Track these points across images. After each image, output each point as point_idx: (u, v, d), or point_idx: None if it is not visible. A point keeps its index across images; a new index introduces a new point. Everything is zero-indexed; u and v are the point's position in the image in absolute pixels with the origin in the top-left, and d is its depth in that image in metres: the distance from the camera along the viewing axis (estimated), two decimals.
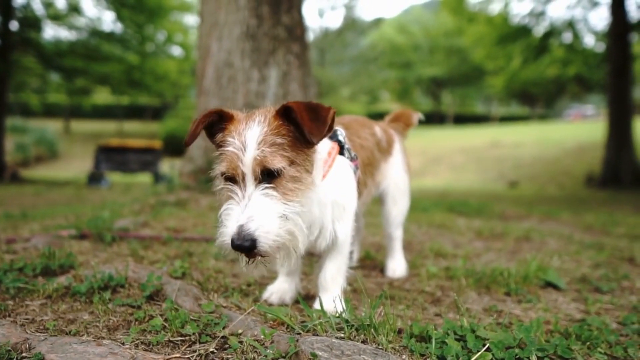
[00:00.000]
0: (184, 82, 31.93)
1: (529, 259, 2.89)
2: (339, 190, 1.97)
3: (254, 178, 1.56)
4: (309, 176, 1.64)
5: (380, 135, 2.60)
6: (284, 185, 1.58)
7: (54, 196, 11.09)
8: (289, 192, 1.59)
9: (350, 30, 44.59)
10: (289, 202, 1.58)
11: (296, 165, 1.60)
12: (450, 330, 1.70)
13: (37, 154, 33.27)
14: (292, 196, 1.59)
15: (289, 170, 1.58)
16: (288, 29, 6.03)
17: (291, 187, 1.59)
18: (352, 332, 1.66)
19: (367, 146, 2.39)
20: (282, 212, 1.56)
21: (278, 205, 1.56)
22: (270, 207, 1.55)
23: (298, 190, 1.61)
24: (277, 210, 1.55)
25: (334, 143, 2.02)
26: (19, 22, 21.00)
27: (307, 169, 1.64)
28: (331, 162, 1.94)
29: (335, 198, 1.94)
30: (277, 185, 1.57)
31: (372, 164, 2.43)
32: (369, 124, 2.58)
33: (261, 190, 1.56)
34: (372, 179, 2.48)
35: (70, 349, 1.55)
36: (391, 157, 2.72)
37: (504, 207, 7.41)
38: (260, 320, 1.83)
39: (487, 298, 2.42)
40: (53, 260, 2.45)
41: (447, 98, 61.41)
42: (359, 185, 2.21)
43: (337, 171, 1.97)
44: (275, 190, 1.57)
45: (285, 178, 1.58)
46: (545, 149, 28.09)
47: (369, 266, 3.08)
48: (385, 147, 2.65)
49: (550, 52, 23.02)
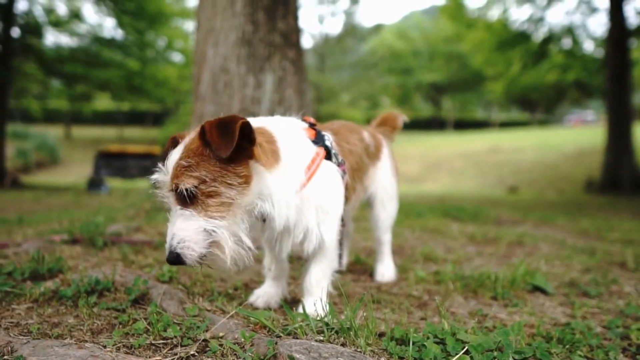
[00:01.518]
0: (184, 88, 32.00)
1: (517, 264, 2.90)
2: (324, 194, 1.99)
3: (175, 199, 1.70)
4: (231, 190, 1.68)
5: (368, 140, 2.62)
6: (203, 202, 1.67)
7: (53, 202, 11.11)
8: (210, 207, 1.67)
9: (350, 37, 44.73)
10: (210, 217, 1.67)
11: (212, 182, 1.66)
12: (431, 334, 1.71)
13: (37, 160, 33.38)
14: (213, 212, 1.67)
15: (204, 188, 1.66)
16: (284, 35, 6.07)
17: (210, 202, 1.67)
18: (332, 335, 1.67)
19: (356, 151, 2.41)
20: (204, 227, 1.66)
21: (198, 222, 1.66)
22: (190, 224, 1.66)
23: (219, 205, 1.68)
24: (196, 226, 1.66)
25: (319, 148, 2.04)
26: (21, 29, 21.11)
27: (230, 184, 1.68)
28: (316, 168, 1.97)
29: (320, 202, 1.97)
30: (196, 204, 1.67)
31: (360, 169, 2.44)
32: (357, 130, 2.59)
33: (180, 210, 1.68)
34: (361, 184, 2.50)
35: (51, 352, 1.56)
36: (379, 161, 2.74)
37: (501, 212, 7.42)
38: (242, 323, 1.84)
39: (474, 302, 2.43)
40: (42, 265, 2.46)
41: (447, 104, 61.50)
42: (347, 190, 2.23)
43: (322, 176, 2.00)
44: (194, 209, 1.67)
45: (203, 196, 1.66)
46: (545, 154, 28.10)
47: (358, 270, 3.09)
48: (374, 151, 2.66)
49: (550, 58, 23.08)
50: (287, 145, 1.89)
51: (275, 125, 1.96)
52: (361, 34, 45.30)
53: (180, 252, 1.66)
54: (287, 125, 2.04)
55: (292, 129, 2.03)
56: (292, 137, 1.97)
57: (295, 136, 1.99)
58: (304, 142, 2.01)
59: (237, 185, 1.69)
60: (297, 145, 1.95)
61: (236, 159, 1.68)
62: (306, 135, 2.05)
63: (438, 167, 29.73)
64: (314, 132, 2.10)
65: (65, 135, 45.48)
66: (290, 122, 2.11)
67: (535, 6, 21.38)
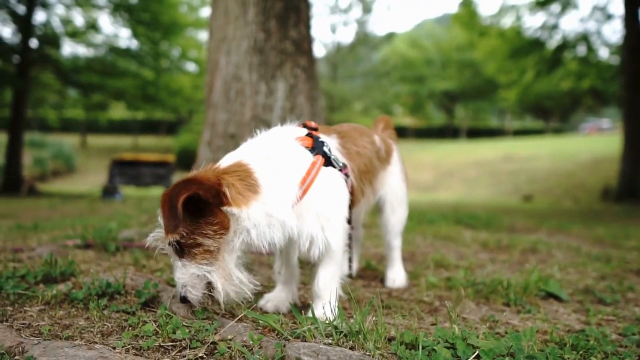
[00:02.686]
0: (198, 97, 32.32)
1: (529, 270, 2.86)
2: (324, 201, 2.01)
3: (172, 252, 1.88)
4: (208, 239, 1.82)
5: (379, 144, 2.62)
6: (190, 252, 1.84)
7: (68, 209, 11.24)
8: (197, 256, 1.84)
9: (363, 45, 44.77)
10: (199, 264, 1.84)
11: (190, 235, 1.80)
12: (441, 338, 1.69)
13: (54, 168, 33.85)
14: (199, 259, 1.84)
15: (185, 241, 1.81)
16: (295, 43, 6.10)
17: (196, 252, 1.83)
18: (340, 338, 1.66)
19: (365, 154, 2.40)
20: (197, 274, 1.84)
21: (191, 269, 1.85)
22: (185, 271, 1.85)
23: (203, 253, 1.84)
24: (190, 273, 1.85)
25: (316, 156, 2.05)
26: (38, 40, 21.53)
27: (205, 234, 1.81)
28: (314, 176, 1.99)
29: (320, 209, 1.99)
30: (186, 255, 1.85)
31: (369, 171, 2.43)
32: (368, 133, 2.59)
33: (177, 260, 1.88)
34: (370, 186, 2.49)
35: (61, 352, 1.57)
36: (390, 166, 2.73)
37: (515, 220, 7.34)
38: (251, 326, 1.84)
39: (486, 308, 2.40)
40: (54, 268, 2.49)
41: (460, 112, 61.21)
42: (354, 193, 2.23)
43: (321, 183, 2.01)
44: (186, 259, 1.85)
45: (187, 247, 1.83)
46: (560, 162, 27.79)
47: (369, 276, 3.07)
48: (384, 156, 2.66)
49: (564, 65, 22.88)
50: (268, 170, 1.93)
51: (257, 151, 2.00)
52: (373, 43, 45.32)
53: (185, 295, 1.86)
54: (275, 144, 2.05)
55: (280, 146, 2.05)
56: (278, 157, 1.99)
57: (282, 154, 2.01)
58: (295, 156, 2.02)
59: (213, 234, 1.82)
60: (284, 163, 1.97)
61: (205, 213, 1.81)
62: (301, 144, 2.06)
63: (451, 176, 29.54)
64: (310, 140, 2.10)
65: (81, 144, 46.10)
66: (281, 136, 2.12)
67: (548, 13, 21.23)
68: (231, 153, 2.01)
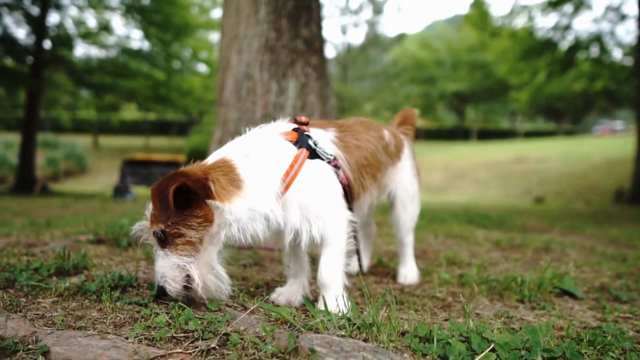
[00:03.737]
0: (209, 98, 32.49)
1: (544, 267, 2.82)
2: (308, 192, 2.01)
3: (155, 242, 1.93)
4: (191, 230, 1.87)
5: (388, 138, 2.60)
6: (173, 242, 1.88)
7: (80, 208, 11.33)
8: (178, 247, 1.88)
9: (373, 47, 44.65)
10: (181, 254, 1.88)
11: (175, 226, 1.86)
12: (456, 332, 1.67)
13: (66, 169, 34.19)
14: (181, 250, 1.88)
15: (169, 231, 1.86)
16: (306, 42, 6.11)
17: (178, 242, 1.88)
18: (353, 330, 1.64)
19: (367, 147, 2.38)
20: (177, 264, 1.88)
21: (172, 259, 1.89)
22: (166, 261, 1.90)
23: (186, 244, 1.88)
24: (171, 263, 1.89)
25: (300, 150, 2.07)
26: (52, 41, 21.76)
27: (189, 225, 1.87)
28: (297, 169, 2.01)
29: (304, 200, 2.00)
30: (169, 245, 1.89)
31: (371, 165, 2.40)
32: (376, 127, 2.57)
33: (159, 250, 1.92)
34: (374, 181, 2.45)
35: (74, 342, 1.58)
36: (400, 161, 2.71)
37: (527, 220, 7.27)
38: (264, 319, 1.83)
39: (499, 305, 2.37)
40: (67, 262, 2.50)
41: (471, 113, 60.87)
42: (350, 186, 2.22)
43: (305, 175, 2.03)
44: (168, 249, 1.90)
45: (171, 237, 1.88)
46: (572, 164, 27.52)
47: (381, 273, 3.05)
48: (394, 151, 2.64)
49: (577, 66, 22.65)
50: (251, 165, 1.98)
51: (240, 147, 2.06)
52: (384, 44, 45.14)
53: (163, 285, 1.90)
54: (258, 140, 2.10)
55: (263, 142, 2.09)
56: (260, 153, 2.03)
57: (265, 150, 2.05)
58: (278, 151, 2.06)
59: (197, 226, 1.87)
60: (266, 158, 2.02)
61: (191, 205, 1.86)
62: (285, 139, 2.10)
63: (462, 177, 29.38)
64: (295, 134, 2.13)
65: (93, 144, 46.51)
66: (266, 132, 2.16)
67: (561, 14, 21.03)
68: (217, 150, 2.09)
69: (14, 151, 28.43)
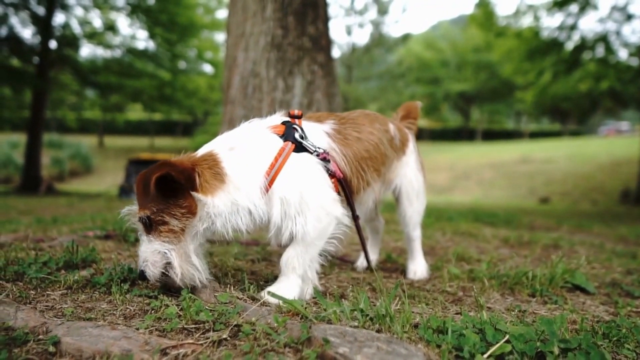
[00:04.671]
0: (214, 98, 32.54)
1: (555, 262, 2.79)
2: (291, 187, 2.00)
3: (142, 227, 1.96)
4: (174, 219, 1.91)
5: (393, 132, 2.58)
6: (157, 229, 1.92)
7: (86, 207, 11.36)
8: (162, 233, 1.92)
9: (378, 47, 44.60)
10: (163, 241, 1.93)
11: (159, 213, 1.89)
12: (469, 323, 1.65)
13: (72, 168, 34.33)
14: (164, 237, 1.92)
15: (154, 217, 1.90)
16: (313, 39, 6.09)
17: (162, 229, 1.92)
18: (366, 321, 1.62)
19: (369, 139, 2.35)
20: (158, 250, 1.93)
21: (154, 245, 1.93)
22: (149, 247, 1.94)
23: (169, 232, 1.92)
24: (153, 249, 1.93)
25: (285, 144, 2.05)
26: (57, 41, 21.84)
27: (173, 214, 1.90)
28: (282, 163, 2.01)
29: (285, 196, 1.99)
30: (153, 231, 1.93)
31: (373, 157, 2.37)
32: (381, 121, 2.55)
33: (144, 236, 1.96)
34: (378, 174, 2.42)
35: (85, 332, 1.57)
36: (405, 156, 2.69)
37: (534, 219, 7.23)
38: (274, 310, 1.81)
39: (511, 299, 2.34)
40: (76, 255, 2.50)
41: (476, 114, 60.71)
42: (348, 178, 2.21)
43: (290, 169, 2.02)
44: (152, 235, 1.94)
45: (156, 224, 1.92)
46: (578, 164, 27.41)
47: (390, 268, 3.03)
48: (399, 145, 2.62)
49: (583, 66, 22.53)
50: (234, 160, 1.99)
51: (227, 141, 2.07)
52: (389, 44, 45.08)
53: (143, 269, 1.94)
54: (244, 134, 2.11)
55: (249, 136, 2.10)
56: (245, 147, 2.04)
57: (250, 144, 2.05)
58: (262, 145, 2.05)
59: (180, 216, 1.91)
60: (250, 152, 2.02)
61: (177, 195, 1.89)
62: (272, 133, 2.10)
63: (467, 178, 29.30)
64: (283, 127, 2.12)
65: (98, 144, 46.67)
66: (253, 127, 2.16)
67: (567, 14, 20.92)
68: (207, 144, 2.10)
69: (20, 151, 28.59)
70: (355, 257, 3.25)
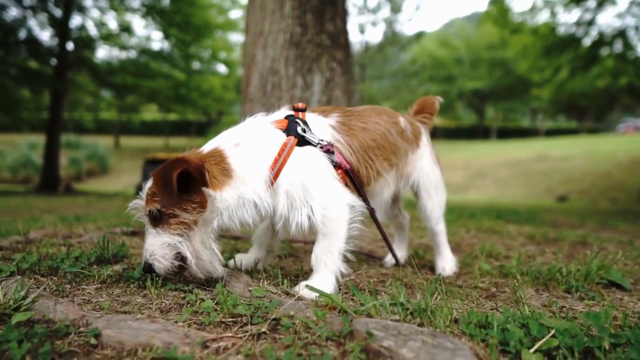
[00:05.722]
0: (228, 97, 32.67)
1: (589, 258, 2.74)
2: (293, 178, 2.04)
3: (148, 221, 1.99)
4: (186, 213, 1.94)
5: (404, 125, 2.57)
6: (167, 222, 1.95)
7: (105, 206, 11.47)
8: (172, 226, 1.95)
9: (391, 45, 44.40)
10: (173, 233, 1.95)
11: (171, 207, 1.93)
12: (511, 318, 1.62)
13: (88, 169, 34.70)
14: (174, 229, 1.95)
15: (165, 210, 1.93)
16: (331, 37, 6.07)
17: (172, 222, 1.95)
18: (407, 315, 1.60)
19: (375, 129, 2.35)
20: (168, 243, 1.95)
21: (163, 238, 1.95)
22: (157, 240, 1.96)
23: (180, 224, 1.95)
24: (162, 242, 1.95)
25: (288, 138, 2.08)
26: (74, 43, 22.11)
27: (185, 209, 1.94)
28: (285, 157, 2.05)
29: (287, 187, 2.04)
30: (163, 224, 1.95)
31: (382, 146, 2.36)
32: (390, 113, 2.56)
33: (151, 229, 1.98)
34: (389, 164, 2.41)
35: (125, 325, 1.57)
36: (419, 149, 2.66)
37: (556, 216, 7.13)
38: (311, 304, 1.80)
39: (546, 295, 2.30)
40: (107, 250, 2.51)
41: (491, 111, 60.15)
42: (354, 168, 2.22)
43: (294, 162, 2.06)
44: (161, 227, 1.96)
45: (166, 217, 1.94)
46: (596, 162, 26.99)
47: (417, 265, 2.99)
48: (411, 137, 2.60)
49: (601, 63, 22.17)
50: (239, 155, 2.04)
51: (232, 137, 2.11)
52: (402, 43, 44.84)
53: (151, 262, 1.95)
54: (249, 130, 2.15)
55: (253, 131, 2.14)
56: (250, 142, 2.08)
57: (254, 139, 2.10)
58: (266, 140, 2.09)
59: (192, 210, 1.95)
60: (255, 148, 2.07)
61: (189, 190, 1.94)
62: (275, 127, 2.13)
63: (482, 176, 29.04)
64: (286, 122, 2.15)
65: (114, 145, 47.14)
66: (258, 122, 2.20)
67: (584, 9, 20.60)
68: (212, 140, 2.15)
69: (38, 152, 28.98)
70: (382, 253, 3.23)
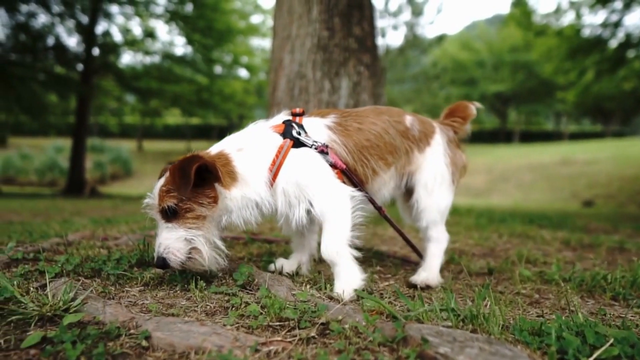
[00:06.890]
0: (249, 101, 32.91)
1: (635, 264, 2.66)
2: (289, 178, 2.14)
3: (161, 217, 2.05)
4: (202, 207, 2.04)
5: (410, 124, 2.55)
6: (183, 216, 2.03)
7: (130, 208, 11.63)
8: (187, 221, 2.03)
9: (412, 48, 44.16)
10: (188, 228, 2.03)
11: (187, 201, 2.02)
12: (565, 326, 1.58)
13: (112, 172, 35.28)
14: (190, 224, 2.03)
15: (182, 206, 2.01)
16: (359, 40, 6.07)
17: (188, 216, 2.03)
18: (458, 322, 1.58)
19: (368, 129, 2.40)
20: (184, 237, 2.02)
21: (179, 232, 2.02)
22: (172, 234, 2.02)
23: (195, 219, 2.04)
24: (178, 236, 2.02)
25: (284, 141, 2.20)
26: (100, 49, 22.57)
27: (201, 203, 2.04)
28: (282, 159, 2.16)
29: (284, 186, 2.14)
30: (177, 218, 2.03)
31: (376, 146, 2.39)
32: (393, 113, 2.57)
33: (164, 224, 2.04)
34: (384, 162, 2.42)
35: (175, 327, 1.57)
36: (429, 147, 2.58)
37: (586, 221, 6.98)
38: (358, 309, 1.78)
39: (592, 302, 2.25)
40: (147, 253, 2.53)
41: (513, 115, 59.38)
42: (350, 166, 2.31)
43: (291, 163, 2.16)
44: (175, 222, 2.03)
45: (181, 211, 2.02)
46: (623, 166, 26.39)
47: (453, 270, 2.96)
48: (419, 136, 2.55)
49: (627, 65, 21.69)
50: (242, 159, 2.16)
51: (235, 142, 2.24)
52: (423, 46, 44.55)
53: (165, 256, 2.00)
54: (249, 135, 2.28)
55: (253, 136, 2.27)
56: (250, 147, 2.21)
57: (254, 144, 2.22)
58: (265, 144, 2.21)
59: (206, 204, 2.05)
60: (255, 151, 2.19)
61: (204, 184, 2.04)
62: (273, 132, 2.26)
63: (505, 180, 28.65)
64: (283, 126, 2.26)
65: (137, 148, 47.85)
66: (257, 127, 2.33)
67: (610, 10, 20.20)
68: (217, 144, 2.27)
69: (64, 155, 29.59)
70: (415, 258, 3.20)
